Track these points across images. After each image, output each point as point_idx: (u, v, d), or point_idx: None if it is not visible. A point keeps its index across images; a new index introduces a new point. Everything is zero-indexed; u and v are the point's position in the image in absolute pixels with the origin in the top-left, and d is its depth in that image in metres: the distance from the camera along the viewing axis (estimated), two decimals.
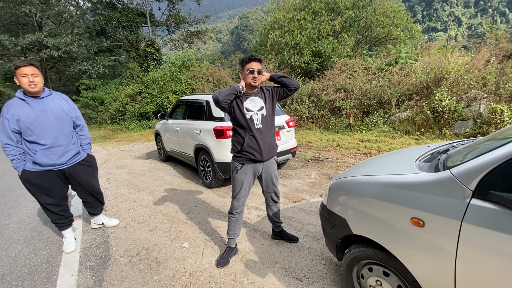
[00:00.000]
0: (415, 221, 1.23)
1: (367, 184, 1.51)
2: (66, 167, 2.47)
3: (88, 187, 2.69)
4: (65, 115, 2.43)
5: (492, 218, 1.00)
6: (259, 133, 2.13)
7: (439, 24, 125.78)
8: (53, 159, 2.34)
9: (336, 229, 1.73)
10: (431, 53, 12.86)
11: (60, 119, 2.38)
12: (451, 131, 6.07)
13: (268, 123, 2.19)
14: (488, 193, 1.02)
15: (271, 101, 2.23)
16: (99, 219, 2.98)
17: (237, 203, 2.27)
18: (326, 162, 5.30)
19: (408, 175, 1.34)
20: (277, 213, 2.49)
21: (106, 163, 6.45)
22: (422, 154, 1.66)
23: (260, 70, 2.08)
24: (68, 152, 2.45)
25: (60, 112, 2.39)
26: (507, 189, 0.98)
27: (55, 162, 2.36)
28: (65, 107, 2.47)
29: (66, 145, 2.44)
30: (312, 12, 13.23)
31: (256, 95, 2.17)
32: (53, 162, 2.35)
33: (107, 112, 15.50)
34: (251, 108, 2.12)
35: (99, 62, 18.64)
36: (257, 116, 2.13)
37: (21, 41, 16.64)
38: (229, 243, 2.35)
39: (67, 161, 2.46)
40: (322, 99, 8.93)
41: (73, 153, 2.51)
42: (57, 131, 2.35)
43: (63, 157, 2.41)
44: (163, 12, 21.61)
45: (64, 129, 2.42)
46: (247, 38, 70.36)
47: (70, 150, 2.48)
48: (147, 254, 2.44)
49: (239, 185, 2.22)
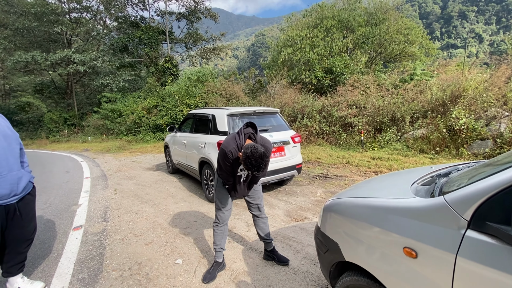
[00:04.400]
0: (407, 251, 1.12)
1: (360, 207, 1.41)
2: (16, 201, 1.93)
3: (29, 230, 2.09)
4: (12, 133, 1.96)
5: (489, 253, 0.88)
6: (242, 184, 2.23)
7: (459, 41, 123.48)
8: (5, 188, 1.83)
9: (329, 254, 1.62)
10: (448, 70, 12.51)
11: (8, 137, 1.91)
12: (469, 150, 5.75)
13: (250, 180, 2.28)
14: (485, 224, 0.91)
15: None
16: (15, 282, 2.10)
17: (223, 215, 2.27)
18: (334, 180, 5.13)
19: (401, 199, 1.24)
20: (263, 228, 2.43)
21: (116, 174, 6.59)
22: (422, 177, 1.55)
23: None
24: (22, 178, 1.96)
25: (5, 129, 1.92)
26: (505, 221, 0.87)
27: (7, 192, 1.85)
28: (7, 124, 1.98)
29: (18, 169, 1.94)
30: (324, 29, 13.38)
31: None
32: (6, 193, 1.83)
33: (124, 124, 16.08)
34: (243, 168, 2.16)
35: (119, 76, 19.63)
36: (246, 172, 2.20)
37: (51, 56, 17.91)
38: (216, 257, 2.32)
39: (21, 191, 1.95)
40: (333, 115, 8.82)
41: (27, 179, 2.01)
42: (7, 152, 1.86)
43: (17, 184, 1.91)
44: (182, 30, 22.69)
45: (14, 149, 1.93)
46: (262, 55, 72.02)
47: (24, 175, 1.99)
48: (139, 269, 2.39)
49: (226, 197, 2.26)
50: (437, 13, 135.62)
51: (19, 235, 2.01)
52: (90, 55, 18.66)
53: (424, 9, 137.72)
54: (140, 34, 19.45)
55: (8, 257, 2.02)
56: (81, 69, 18.55)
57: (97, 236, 3.10)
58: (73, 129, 21.13)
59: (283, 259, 2.41)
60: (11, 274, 2.07)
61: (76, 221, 3.62)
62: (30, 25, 17.76)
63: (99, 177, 6.31)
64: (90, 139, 17.27)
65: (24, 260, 2.13)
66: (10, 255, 2.02)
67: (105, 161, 8.87)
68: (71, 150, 13.33)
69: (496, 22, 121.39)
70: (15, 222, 1.95)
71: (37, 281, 2.21)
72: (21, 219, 1.97)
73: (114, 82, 19.26)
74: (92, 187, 5.44)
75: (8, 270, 2.05)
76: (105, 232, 3.22)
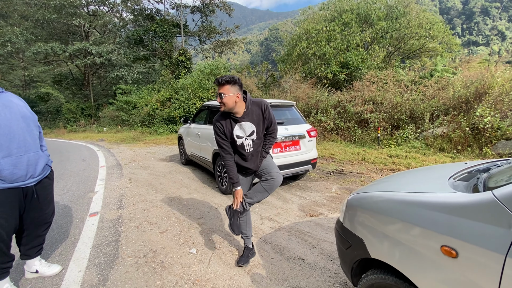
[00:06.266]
0: (446, 250, 1.03)
1: (390, 202, 1.32)
2: (34, 184, 1.91)
3: (47, 213, 2.08)
4: (30, 114, 1.93)
5: None
6: (250, 156, 2.10)
7: (481, 38, 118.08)
8: (22, 169, 1.80)
9: (352, 250, 1.54)
10: (471, 67, 11.96)
11: (27, 118, 1.88)
12: (494, 150, 5.47)
13: (258, 147, 2.12)
14: None
15: (261, 125, 2.07)
16: (33, 265, 2.13)
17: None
18: (349, 176, 5.00)
19: (440, 194, 1.14)
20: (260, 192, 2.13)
21: (131, 163, 6.69)
22: (458, 172, 1.43)
23: (221, 94, 1.89)
24: (39, 161, 1.92)
25: (24, 110, 1.89)
26: None
27: (24, 173, 1.81)
28: (25, 105, 1.95)
29: (36, 151, 1.90)
30: (342, 23, 13.01)
31: (244, 120, 2.01)
32: (22, 174, 1.80)
33: (139, 116, 16.35)
34: (241, 134, 2.04)
35: (134, 68, 19.91)
36: (248, 141, 2.06)
37: (70, 48, 18.36)
38: (245, 243, 2.36)
39: (39, 174, 1.92)
40: (349, 110, 8.60)
41: (43, 163, 1.96)
42: (25, 133, 1.84)
43: (35, 166, 1.88)
44: (196, 23, 22.68)
45: (32, 130, 1.90)
46: (275, 49, 71.25)
47: (41, 157, 1.94)
48: (154, 257, 2.39)
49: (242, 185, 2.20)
50: (458, 9, 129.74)
51: (38, 218, 2.02)
52: (106, 47, 19.00)
53: (445, 4, 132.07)
54: (155, 27, 19.59)
55: (26, 240, 2.02)
56: (97, 61, 18.94)
57: (112, 223, 3.14)
58: (89, 120, 21.71)
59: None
60: (29, 257, 2.08)
61: (92, 207, 3.68)
62: (50, 17, 18.23)
63: (114, 166, 6.42)
64: (106, 130, 17.69)
65: (42, 243, 2.15)
66: (29, 238, 2.03)
67: (120, 151, 9.04)
68: (87, 140, 13.69)
69: None
70: (33, 205, 1.95)
71: (54, 264, 2.24)
72: (38, 202, 1.96)
73: (129, 74, 19.57)
74: (107, 175, 5.54)
75: (27, 253, 2.06)
76: (120, 219, 3.26)
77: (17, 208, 1.85)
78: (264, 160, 2.20)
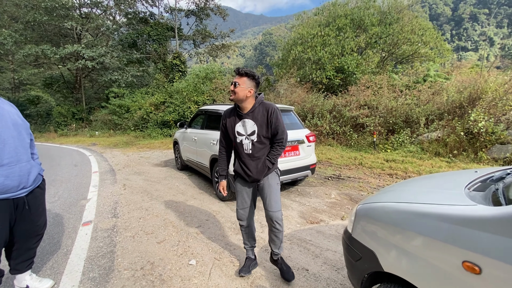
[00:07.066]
0: (468, 265, 0.98)
1: (404, 213, 1.27)
2: (25, 194, 1.82)
3: (38, 224, 1.98)
4: (22, 122, 1.85)
5: None
6: (248, 158, 2.00)
7: (469, 44, 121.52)
8: (14, 180, 1.71)
9: (362, 263, 1.48)
10: (462, 72, 12.20)
11: (18, 125, 1.80)
12: (489, 155, 5.53)
13: (259, 152, 1.98)
14: None
15: (264, 128, 1.95)
16: (23, 279, 2.00)
17: (238, 214, 2.15)
18: (348, 181, 4.98)
19: (460, 206, 1.09)
20: (274, 241, 2.08)
21: (125, 169, 6.53)
22: (472, 181, 1.40)
23: (235, 82, 1.87)
24: (32, 172, 1.84)
25: (16, 118, 1.80)
26: None
27: (16, 184, 1.73)
28: (17, 112, 1.87)
29: (28, 161, 1.83)
30: (337, 28, 13.15)
31: (248, 117, 1.94)
32: (14, 185, 1.72)
33: (132, 119, 16.10)
34: (242, 131, 1.97)
35: (128, 72, 19.66)
36: (247, 141, 1.97)
37: (61, 51, 18.01)
38: (247, 254, 2.29)
39: (31, 184, 1.84)
40: (344, 115, 8.64)
41: (36, 172, 1.89)
42: (16, 142, 1.75)
43: (28, 176, 1.80)
44: (191, 27, 22.62)
45: (24, 139, 1.82)
46: (269, 54, 71.68)
47: (33, 167, 1.87)
48: (152, 269, 2.29)
49: (238, 195, 2.15)
50: (447, 15, 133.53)
51: (29, 230, 1.91)
52: (99, 50, 18.72)
53: (435, 10, 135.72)
54: (149, 30, 19.44)
55: (16, 253, 1.91)
56: (89, 65, 18.62)
57: (107, 233, 3.01)
58: (81, 124, 21.29)
59: (287, 275, 2.09)
60: (19, 271, 1.97)
61: (85, 216, 3.55)
62: (41, 19, 17.88)
63: (108, 172, 6.26)
64: (98, 134, 17.36)
65: (33, 257, 2.03)
66: (19, 251, 1.92)
67: (113, 155, 8.84)
68: (78, 144, 13.39)
69: (508, 25, 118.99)
70: (25, 217, 1.85)
71: (46, 279, 2.11)
72: (30, 213, 1.86)
73: (122, 77, 19.31)
74: (100, 181, 5.38)
75: (16, 267, 1.95)
76: (115, 228, 3.13)
77: (8, 221, 1.75)
78: (267, 187, 2.04)
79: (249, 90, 1.89)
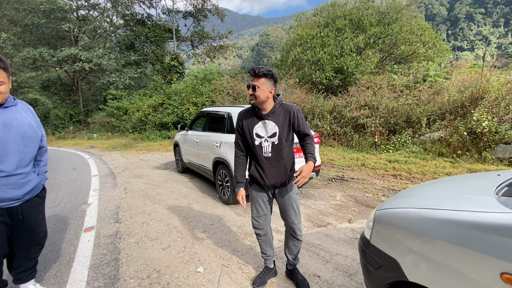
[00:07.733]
0: (508, 277, 0.93)
1: (431, 220, 1.21)
2: (19, 204, 1.75)
3: (38, 234, 1.92)
4: (33, 134, 1.80)
5: None
6: (266, 162, 1.87)
7: (465, 43, 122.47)
8: (7, 192, 1.65)
9: (383, 271, 1.42)
10: (461, 72, 12.25)
11: (27, 138, 1.75)
12: (493, 155, 5.51)
13: (278, 156, 1.88)
14: None
15: (286, 129, 1.87)
16: None
17: (254, 223, 2.05)
18: (352, 183, 4.92)
19: (495, 214, 1.04)
20: (292, 249, 2.05)
21: (125, 172, 6.44)
22: (499, 185, 1.34)
23: (254, 86, 1.75)
24: (29, 183, 1.78)
25: (28, 130, 1.76)
26: None
27: (9, 196, 1.66)
28: (33, 122, 1.83)
29: (27, 173, 1.78)
30: (336, 29, 13.15)
31: (269, 118, 1.85)
32: (6, 196, 1.65)
33: (130, 121, 15.98)
34: (262, 133, 1.87)
35: (125, 74, 19.54)
36: (267, 143, 1.86)
37: (58, 53, 17.87)
38: (265, 263, 2.18)
39: (24, 194, 1.76)
40: (345, 115, 8.60)
41: (34, 184, 1.83)
42: (21, 154, 1.71)
43: (20, 189, 1.72)
44: (188, 28, 22.55)
45: (30, 152, 1.78)
46: (267, 55, 71.75)
47: (31, 180, 1.81)
48: (159, 278, 2.22)
49: (253, 202, 2.03)
50: (443, 15, 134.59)
51: (28, 239, 1.85)
52: (96, 52, 18.60)
53: (431, 10, 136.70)
54: (146, 32, 19.35)
55: (17, 263, 1.87)
56: (86, 67, 18.48)
57: (110, 239, 2.93)
58: (79, 126, 21.12)
59: (301, 285, 2.02)
60: (21, 281, 1.92)
61: (87, 221, 3.46)
62: (39, 22, 17.74)
63: (107, 175, 6.16)
64: (96, 136, 17.21)
65: (35, 266, 1.98)
66: (20, 261, 1.87)
67: (112, 158, 8.73)
68: (77, 147, 13.25)
69: (504, 24, 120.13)
70: (22, 226, 1.80)
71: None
72: (24, 222, 1.79)
73: (120, 79, 19.18)
74: (101, 185, 5.29)
75: (18, 277, 1.90)
76: (118, 234, 3.05)
77: (4, 231, 1.70)
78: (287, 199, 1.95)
79: (270, 91, 1.80)
